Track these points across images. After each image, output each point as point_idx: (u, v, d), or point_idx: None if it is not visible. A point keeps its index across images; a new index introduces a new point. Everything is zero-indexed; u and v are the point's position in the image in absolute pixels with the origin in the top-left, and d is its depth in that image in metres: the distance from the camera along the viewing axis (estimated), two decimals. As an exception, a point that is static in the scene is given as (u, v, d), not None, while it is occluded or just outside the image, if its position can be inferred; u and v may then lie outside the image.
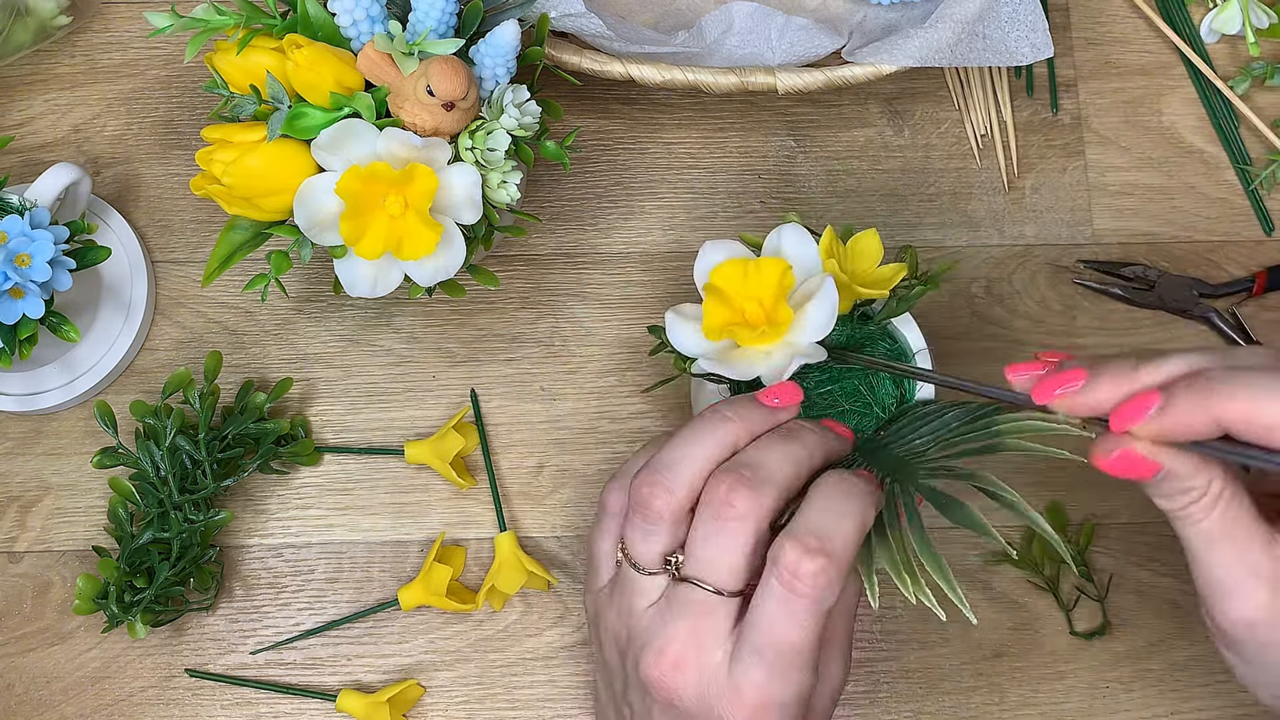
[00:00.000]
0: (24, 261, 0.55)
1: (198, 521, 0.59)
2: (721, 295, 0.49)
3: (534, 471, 0.64)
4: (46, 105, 0.68)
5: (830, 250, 0.51)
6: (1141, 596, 0.63)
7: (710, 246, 0.51)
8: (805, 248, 0.50)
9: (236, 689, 0.61)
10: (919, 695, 0.62)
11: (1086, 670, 0.62)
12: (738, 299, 0.49)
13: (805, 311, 0.49)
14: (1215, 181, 0.68)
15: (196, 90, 0.68)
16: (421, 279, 0.53)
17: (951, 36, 0.60)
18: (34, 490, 0.63)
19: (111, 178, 0.67)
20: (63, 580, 0.62)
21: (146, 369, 0.65)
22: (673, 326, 0.50)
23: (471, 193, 0.52)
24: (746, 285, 0.49)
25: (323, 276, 0.66)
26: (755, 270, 0.49)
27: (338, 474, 0.64)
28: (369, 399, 0.65)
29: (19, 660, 0.62)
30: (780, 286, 0.48)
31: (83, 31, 0.69)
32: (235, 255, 0.55)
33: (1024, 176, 0.68)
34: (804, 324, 0.49)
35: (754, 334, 0.48)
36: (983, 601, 0.63)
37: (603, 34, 0.60)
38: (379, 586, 0.63)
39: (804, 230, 0.51)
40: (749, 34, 0.62)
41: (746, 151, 0.68)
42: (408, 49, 0.52)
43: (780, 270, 0.49)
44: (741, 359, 0.49)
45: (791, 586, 0.43)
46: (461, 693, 0.62)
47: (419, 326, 0.65)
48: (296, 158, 0.52)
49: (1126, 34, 0.70)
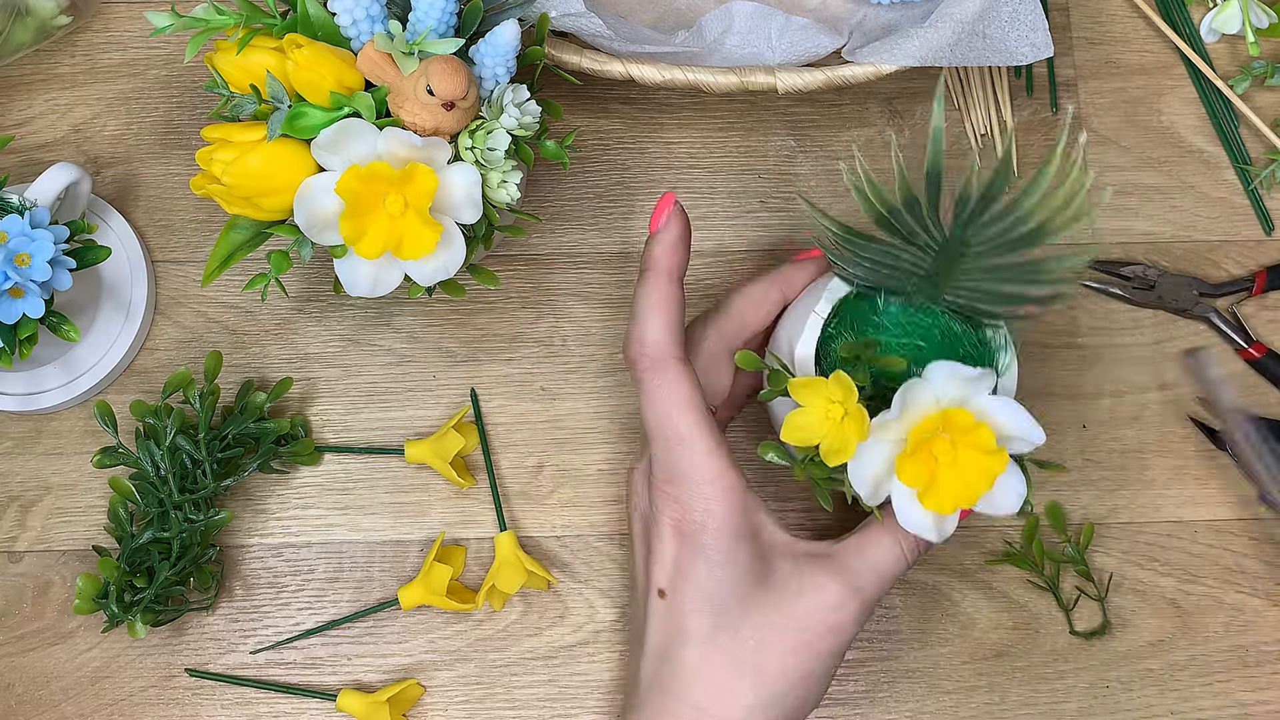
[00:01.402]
0: (24, 261, 0.55)
1: (198, 521, 0.59)
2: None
3: (534, 471, 0.64)
4: (46, 105, 0.68)
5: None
6: (1141, 596, 0.63)
7: None
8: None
9: (236, 689, 0.61)
10: (919, 695, 0.62)
11: (1086, 670, 0.62)
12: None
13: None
14: (1215, 181, 0.68)
15: (196, 90, 0.68)
16: (421, 279, 0.53)
17: (951, 36, 0.60)
18: (34, 490, 0.63)
19: (111, 178, 0.67)
20: (63, 580, 0.62)
21: (146, 369, 0.65)
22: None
23: (471, 192, 0.52)
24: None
25: (323, 276, 0.66)
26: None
27: (338, 474, 0.64)
28: (369, 399, 0.65)
29: (19, 660, 0.62)
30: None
31: (83, 31, 0.69)
32: (235, 255, 0.55)
33: (1024, 176, 0.68)
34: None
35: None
36: (983, 601, 0.63)
37: (602, 34, 0.60)
38: (379, 586, 0.63)
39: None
40: (749, 34, 0.62)
41: (746, 151, 0.68)
42: (408, 49, 0.52)
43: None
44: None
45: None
46: (461, 692, 0.62)
47: (419, 326, 0.65)
48: (296, 157, 0.52)
49: (1126, 34, 0.70)
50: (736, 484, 0.51)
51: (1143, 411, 0.65)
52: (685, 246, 0.54)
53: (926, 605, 0.62)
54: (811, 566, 0.52)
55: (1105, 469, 0.64)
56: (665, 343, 0.52)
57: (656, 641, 0.52)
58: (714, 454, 0.51)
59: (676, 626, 0.51)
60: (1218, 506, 0.64)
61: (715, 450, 0.51)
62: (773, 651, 0.51)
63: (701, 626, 0.51)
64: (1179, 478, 0.64)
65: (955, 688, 0.62)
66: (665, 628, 0.52)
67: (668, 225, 0.53)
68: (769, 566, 0.52)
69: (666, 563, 0.52)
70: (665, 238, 0.53)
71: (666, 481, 0.52)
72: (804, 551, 0.52)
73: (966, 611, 0.63)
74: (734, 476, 0.51)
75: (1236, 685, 0.62)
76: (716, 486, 0.51)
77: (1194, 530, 0.64)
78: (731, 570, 0.51)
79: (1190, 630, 0.62)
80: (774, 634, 0.51)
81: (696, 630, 0.51)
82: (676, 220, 0.54)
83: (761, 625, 0.51)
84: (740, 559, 0.51)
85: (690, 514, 0.51)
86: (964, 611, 0.63)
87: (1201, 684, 0.62)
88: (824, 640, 0.51)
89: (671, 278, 0.53)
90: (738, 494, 0.51)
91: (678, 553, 0.52)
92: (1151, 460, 0.64)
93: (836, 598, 0.51)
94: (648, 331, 0.52)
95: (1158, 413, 0.65)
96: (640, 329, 0.52)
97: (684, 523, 0.51)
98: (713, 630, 0.51)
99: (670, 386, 0.52)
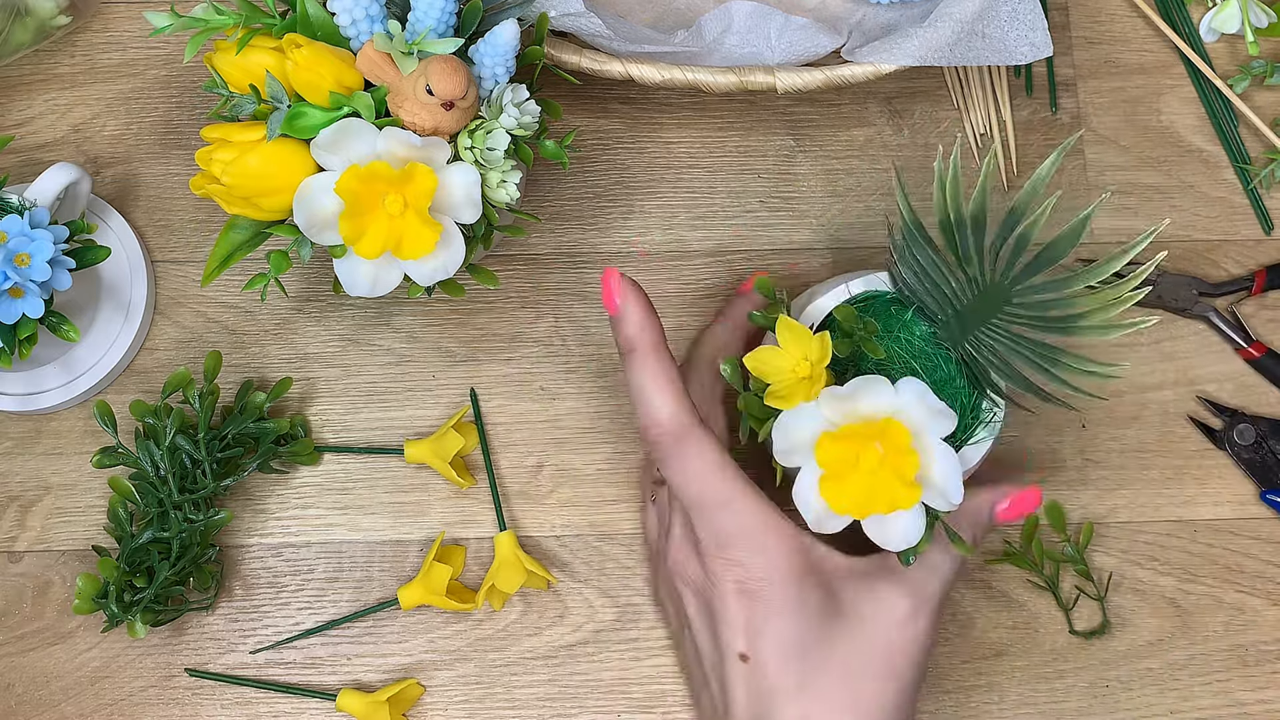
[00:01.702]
0: (24, 261, 0.55)
1: (198, 521, 0.59)
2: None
3: (534, 471, 0.64)
4: (46, 105, 0.68)
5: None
6: (1141, 596, 0.63)
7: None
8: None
9: (236, 688, 0.61)
10: (919, 695, 0.62)
11: (1086, 670, 0.62)
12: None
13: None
14: (1214, 181, 0.68)
15: (196, 90, 0.68)
16: (421, 278, 0.53)
17: (951, 36, 0.60)
18: (34, 490, 0.63)
19: (111, 178, 0.67)
20: (63, 580, 0.62)
21: (146, 369, 0.65)
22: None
23: (471, 192, 0.52)
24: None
25: (323, 276, 0.66)
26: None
27: (337, 473, 0.64)
28: (369, 398, 0.65)
29: (19, 660, 0.62)
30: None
31: (83, 31, 0.69)
32: (235, 255, 0.55)
33: (1023, 176, 0.68)
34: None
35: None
36: (982, 601, 0.63)
37: (602, 33, 0.60)
38: (379, 586, 0.63)
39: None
40: (748, 33, 0.62)
41: (746, 151, 0.68)
42: (407, 48, 0.52)
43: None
44: None
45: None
46: (461, 692, 0.62)
47: (419, 326, 0.65)
48: (296, 157, 0.52)
49: (1126, 33, 0.70)
50: (788, 529, 0.51)
51: (1143, 411, 0.65)
52: (654, 317, 0.52)
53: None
54: (875, 584, 0.52)
55: (1105, 468, 0.64)
56: (680, 413, 0.51)
57: (746, 706, 0.51)
58: (760, 507, 0.51)
59: (766, 687, 0.51)
60: (1218, 506, 0.64)
61: (760, 503, 0.51)
62: (863, 680, 0.51)
63: (790, 679, 0.50)
64: (1179, 478, 0.64)
65: (955, 687, 0.62)
66: (753, 691, 0.51)
67: (626, 305, 0.52)
68: (836, 597, 0.51)
69: (739, 626, 0.51)
70: (631, 319, 0.52)
71: (720, 548, 0.51)
72: (864, 570, 0.52)
73: (966, 611, 0.63)
74: (784, 522, 0.51)
75: (1236, 685, 0.62)
76: (771, 538, 0.51)
77: (1194, 530, 0.64)
78: (805, 614, 0.51)
79: (1190, 630, 0.62)
80: (860, 663, 0.51)
81: (786, 684, 0.50)
82: (633, 297, 0.52)
83: (846, 658, 0.51)
84: (810, 600, 0.51)
85: (753, 572, 0.51)
86: (963, 611, 0.63)
87: (1201, 683, 0.62)
88: (906, 654, 0.51)
89: (656, 350, 0.52)
90: (793, 538, 0.51)
91: (749, 614, 0.51)
92: (1151, 460, 0.64)
93: (907, 610, 0.51)
94: (659, 411, 0.51)
95: (1158, 413, 0.65)
96: (651, 411, 0.51)
97: (748, 581, 0.51)
98: (802, 678, 0.50)
99: (700, 455, 0.51)
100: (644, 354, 0.52)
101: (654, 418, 0.51)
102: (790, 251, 0.66)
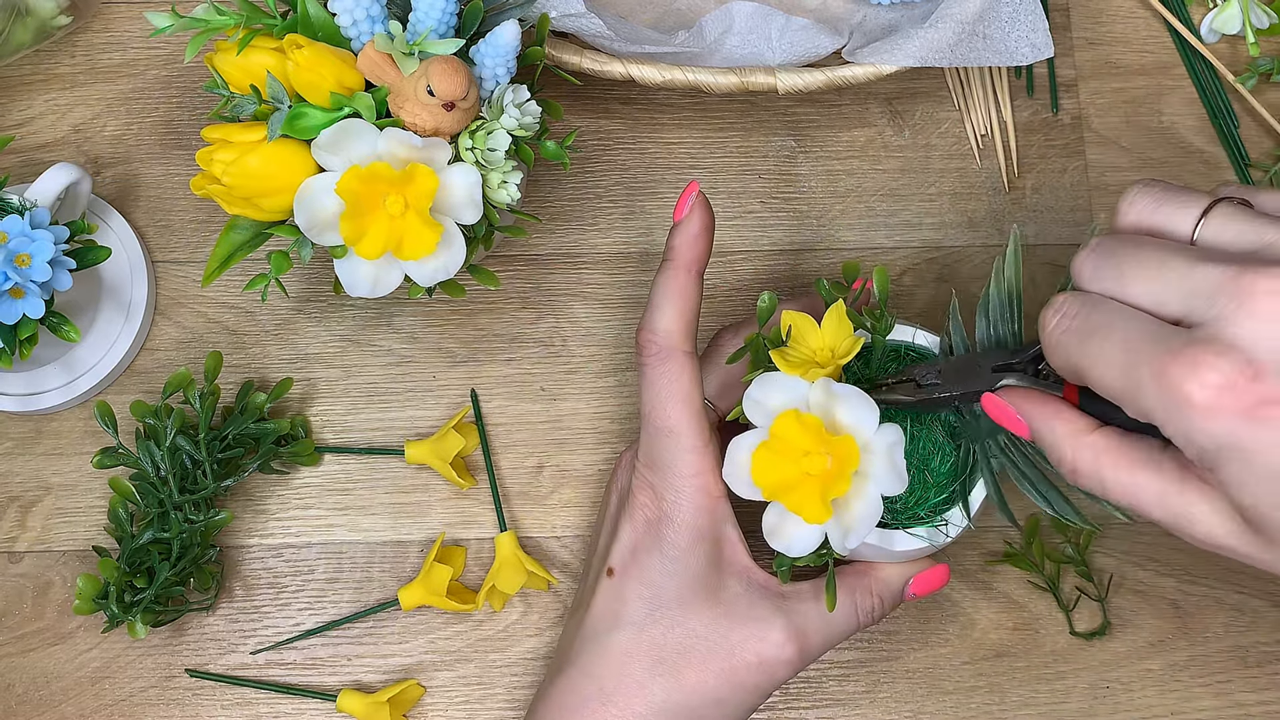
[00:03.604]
0: (24, 261, 0.55)
1: (198, 521, 0.59)
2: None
3: (534, 471, 0.64)
4: (46, 105, 0.68)
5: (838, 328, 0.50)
6: (1141, 596, 0.63)
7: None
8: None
9: (236, 689, 0.61)
10: (919, 695, 0.62)
11: (1086, 670, 0.62)
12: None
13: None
14: (1215, 181, 0.68)
15: (196, 90, 0.68)
16: (421, 279, 0.53)
17: (952, 36, 0.60)
18: (34, 490, 0.63)
19: (111, 178, 0.67)
20: (63, 580, 0.62)
21: (146, 369, 0.65)
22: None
23: (472, 193, 0.52)
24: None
25: (323, 276, 0.66)
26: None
27: (338, 474, 0.64)
28: (369, 399, 0.65)
29: (19, 660, 0.62)
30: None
31: (83, 31, 0.69)
32: (235, 255, 0.55)
33: (1024, 176, 0.68)
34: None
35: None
36: (982, 601, 0.63)
37: (603, 34, 0.60)
38: (379, 586, 0.63)
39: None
40: (749, 34, 0.62)
41: (746, 151, 0.68)
42: (408, 49, 0.52)
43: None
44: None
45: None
46: (461, 693, 0.62)
47: (419, 326, 0.65)
48: (296, 158, 0.52)
49: (1126, 34, 0.70)
50: (712, 488, 0.51)
51: (1143, 412, 0.65)
52: (708, 239, 0.53)
53: (926, 606, 0.62)
54: (763, 598, 0.51)
55: (1105, 469, 0.64)
56: (675, 333, 0.52)
57: (594, 616, 0.53)
58: (697, 452, 0.51)
59: (615, 608, 0.52)
60: (1218, 507, 0.64)
61: (700, 449, 0.51)
62: (696, 664, 0.51)
63: (637, 615, 0.51)
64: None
65: (955, 688, 0.62)
66: (605, 606, 0.52)
67: (690, 216, 0.53)
68: (722, 581, 0.51)
69: (625, 544, 0.52)
70: (688, 229, 0.53)
71: (647, 467, 0.52)
72: (761, 581, 0.52)
73: (967, 612, 0.63)
74: (711, 480, 0.51)
75: (1237, 685, 0.62)
76: (692, 484, 0.51)
77: (1194, 530, 0.64)
78: (683, 569, 0.51)
79: (1190, 630, 0.62)
80: (703, 647, 0.51)
81: (632, 617, 0.51)
82: (699, 211, 0.53)
83: (694, 634, 0.51)
84: (694, 562, 0.51)
85: (660, 503, 0.52)
86: (964, 612, 0.63)
87: (1201, 684, 0.62)
88: (750, 673, 0.51)
89: (690, 270, 0.53)
90: (710, 497, 0.51)
91: (638, 538, 0.52)
92: (1152, 460, 0.64)
93: (779, 636, 0.51)
94: (660, 320, 0.52)
95: (1158, 413, 0.65)
96: (653, 316, 0.52)
97: (652, 509, 0.52)
98: (647, 621, 0.51)
99: (671, 377, 0.52)
100: (677, 268, 0.52)
101: (652, 325, 0.52)
102: (791, 251, 0.66)
